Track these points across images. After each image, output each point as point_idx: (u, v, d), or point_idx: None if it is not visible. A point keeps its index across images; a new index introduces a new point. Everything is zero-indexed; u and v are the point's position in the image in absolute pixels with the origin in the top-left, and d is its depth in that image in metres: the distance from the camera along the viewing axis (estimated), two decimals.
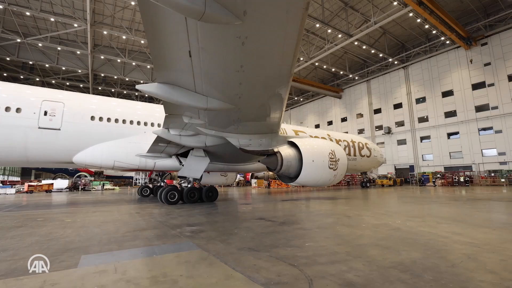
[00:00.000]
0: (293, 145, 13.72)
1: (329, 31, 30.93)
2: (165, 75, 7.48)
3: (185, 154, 14.56)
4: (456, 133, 35.12)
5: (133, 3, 26.71)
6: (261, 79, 7.54)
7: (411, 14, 28.93)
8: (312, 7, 29.91)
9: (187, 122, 10.68)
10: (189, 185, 14.53)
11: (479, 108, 33.41)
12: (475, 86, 33.82)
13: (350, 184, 37.13)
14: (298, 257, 3.09)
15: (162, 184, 22.50)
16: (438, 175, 30.82)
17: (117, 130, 14.07)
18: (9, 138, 11.99)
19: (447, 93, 36.43)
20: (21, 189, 26.15)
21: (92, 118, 13.57)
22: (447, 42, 34.51)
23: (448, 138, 35.89)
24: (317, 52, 35.90)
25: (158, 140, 12.81)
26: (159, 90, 7.86)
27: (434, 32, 33.89)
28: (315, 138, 18.51)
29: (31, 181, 31.16)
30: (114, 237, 4.49)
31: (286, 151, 13.51)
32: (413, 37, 38.15)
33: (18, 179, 54.14)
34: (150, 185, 21.87)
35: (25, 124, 12.13)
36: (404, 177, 38.07)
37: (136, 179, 44.31)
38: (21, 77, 38.21)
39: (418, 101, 39.46)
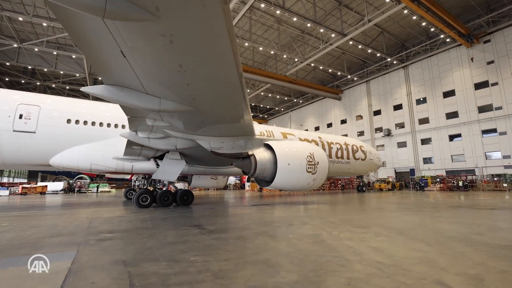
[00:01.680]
0: (269, 148, 13.36)
1: (322, 30, 30.40)
2: (109, 77, 7.28)
3: (163, 157, 14.35)
4: (458, 135, 33.81)
5: None
6: (207, 80, 7.25)
7: (405, 12, 28.11)
8: (305, 8, 29.49)
9: (151, 125, 10.50)
10: (164, 188, 14.34)
11: (482, 109, 32.06)
12: (478, 86, 32.48)
13: (345, 188, 36.21)
14: (155, 275, 2.72)
15: (146, 187, 22.32)
16: (438, 179, 29.65)
17: (94, 133, 13.99)
18: None
19: (448, 93, 35.14)
20: (16, 191, 26.58)
21: (68, 121, 13.54)
22: (448, 40, 33.37)
23: (450, 140, 34.62)
24: (313, 52, 35.38)
25: (131, 142, 12.63)
26: (105, 92, 7.65)
27: (432, 29, 32.80)
28: (296, 140, 18.05)
29: (28, 183, 31.70)
30: (10, 244, 4.25)
31: (261, 154, 13.16)
32: (412, 36, 37.14)
33: (25, 180, 55.30)
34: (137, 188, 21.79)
35: (0, 127, 12.20)
36: (405, 181, 36.91)
37: (134, 181, 44.54)
38: (23, 81, 39.17)
39: (419, 101, 38.26)
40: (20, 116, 12.67)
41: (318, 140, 22.19)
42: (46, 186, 27.99)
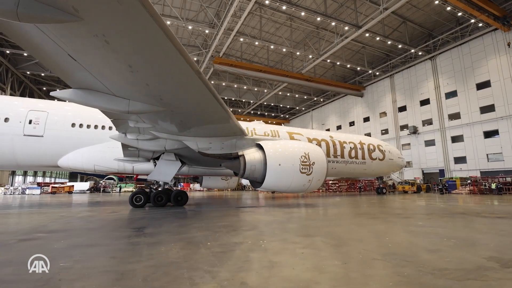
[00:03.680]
0: (261, 148, 12.98)
1: (333, 24, 28.94)
2: (73, 81, 7.44)
3: None
4: (495, 131, 29.95)
5: None
6: (165, 80, 7.10)
7: None
8: (315, 3, 28.37)
9: (133, 126, 10.68)
10: (160, 189, 14.58)
11: None
12: None
13: (365, 189, 34.13)
14: None
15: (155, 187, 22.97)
16: (469, 181, 26.46)
17: (96, 136, 14.63)
18: None
19: (482, 85, 31.23)
20: (47, 190, 29.14)
21: (73, 125, 14.31)
22: (480, 25, 29.72)
23: (485, 137, 30.83)
24: (328, 48, 33.88)
25: (125, 144, 13.00)
26: (73, 96, 7.85)
27: (460, 14, 29.44)
28: (291, 140, 17.29)
29: (57, 183, 34.60)
30: None
31: (251, 154, 12.83)
32: (440, 23, 33.76)
33: (67, 180, 60.31)
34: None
35: (12, 132, 13.25)
36: (433, 182, 33.66)
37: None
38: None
39: (448, 95, 34.54)
40: (30, 122, 13.64)
41: (328, 140, 21.14)
42: (73, 186, 30.29)
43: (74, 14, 4.57)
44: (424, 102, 37.62)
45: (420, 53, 36.61)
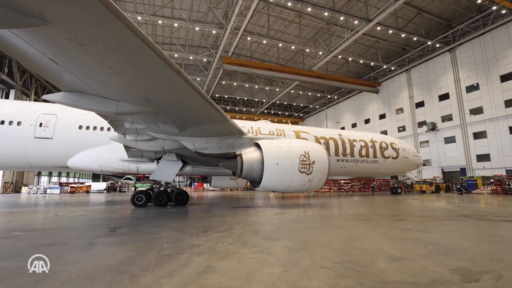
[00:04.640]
0: (260, 147, 12.81)
1: (342, 18, 28.01)
2: (63, 84, 7.61)
3: None
4: None
5: (161, 20, 28.70)
6: (147, 80, 7.12)
7: None
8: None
9: (129, 127, 10.87)
10: (161, 189, 14.81)
11: None
12: None
13: (380, 189, 32.79)
14: None
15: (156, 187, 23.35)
16: (491, 180, 24.53)
17: (102, 138, 15.06)
18: (12, 147, 13.98)
19: (507, 77, 28.96)
20: (67, 190, 30.68)
21: (80, 127, 14.84)
22: (504, 11, 27.51)
23: (511, 133, 28.58)
24: (338, 43, 32.91)
25: (127, 145, 13.28)
26: (64, 99, 8.04)
27: (480, 1, 27.38)
28: (291, 138, 16.91)
29: (75, 183, 36.29)
30: None
31: (249, 154, 12.68)
32: (459, 12, 31.70)
33: (90, 180, 63.12)
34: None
35: (23, 135, 13.97)
36: (454, 181, 31.69)
37: (174, 181, 47.61)
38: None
39: (470, 89, 32.41)
40: (40, 125, 14.30)
41: (337, 138, 20.51)
42: (90, 185, 31.67)
43: (41, 18, 4.59)
44: (443, 97, 35.51)
45: (438, 45, 34.60)
